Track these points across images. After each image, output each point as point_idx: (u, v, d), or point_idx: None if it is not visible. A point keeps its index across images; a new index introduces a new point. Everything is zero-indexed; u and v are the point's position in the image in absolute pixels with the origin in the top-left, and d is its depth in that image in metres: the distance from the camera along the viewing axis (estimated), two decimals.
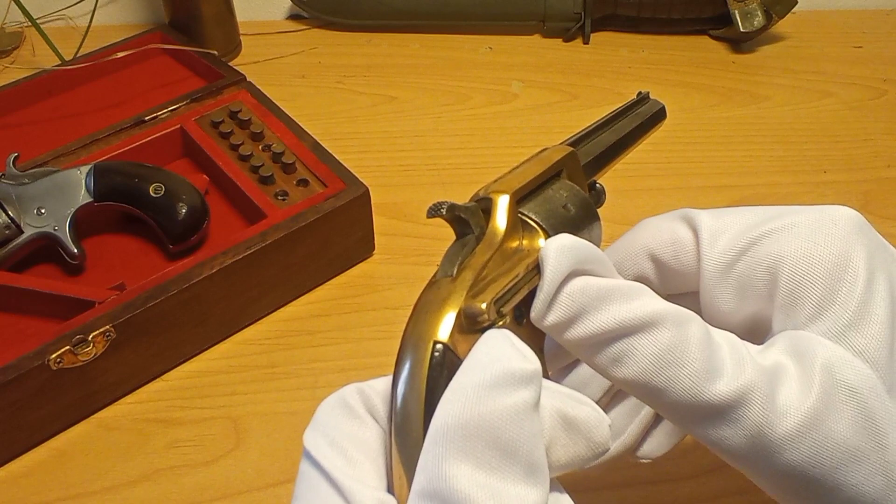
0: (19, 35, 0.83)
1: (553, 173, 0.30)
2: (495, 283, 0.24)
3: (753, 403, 0.23)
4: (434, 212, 0.26)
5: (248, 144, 0.61)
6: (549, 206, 0.29)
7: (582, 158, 0.32)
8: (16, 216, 0.53)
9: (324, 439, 0.23)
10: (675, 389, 0.23)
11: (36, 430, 0.48)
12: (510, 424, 0.19)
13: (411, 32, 0.85)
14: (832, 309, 0.25)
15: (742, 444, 0.24)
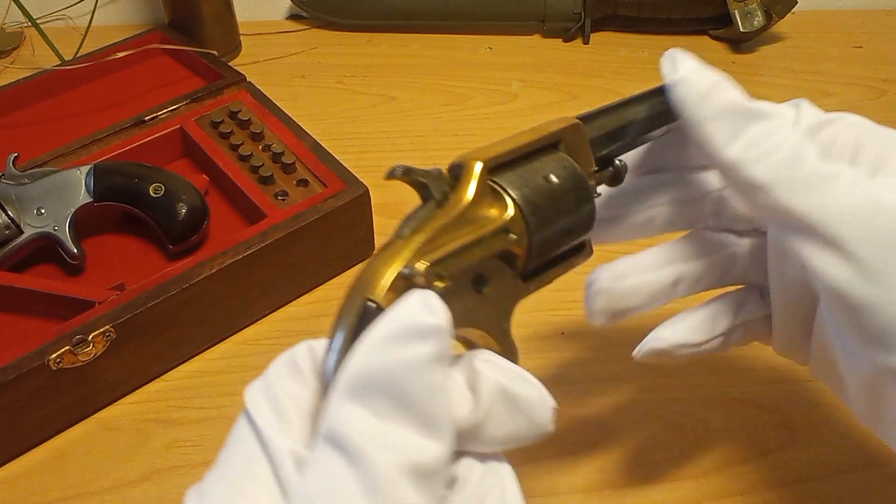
0: (19, 35, 0.83)
1: (547, 143, 0.29)
2: (443, 248, 0.24)
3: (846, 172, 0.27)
4: (390, 174, 0.26)
5: (247, 144, 0.61)
6: (526, 176, 0.27)
7: (592, 132, 0.30)
8: (16, 216, 0.53)
9: (263, 394, 0.23)
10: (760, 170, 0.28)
11: (36, 430, 0.48)
12: (407, 376, 0.20)
13: (411, 32, 0.85)
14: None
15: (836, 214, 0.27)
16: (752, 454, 0.47)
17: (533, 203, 0.26)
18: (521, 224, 0.26)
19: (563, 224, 0.27)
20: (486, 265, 0.25)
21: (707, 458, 0.47)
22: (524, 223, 0.26)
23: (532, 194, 0.27)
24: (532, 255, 0.27)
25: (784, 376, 0.51)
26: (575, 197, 0.28)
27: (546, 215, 0.27)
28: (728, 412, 0.49)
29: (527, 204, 0.26)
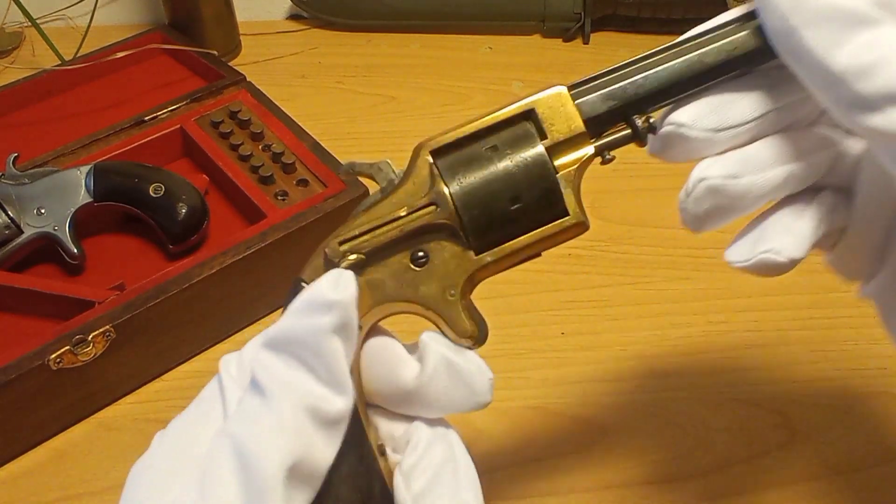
0: (19, 35, 0.83)
1: (512, 115, 0.28)
2: (358, 228, 0.26)
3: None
4: (339, 171, 0.29)
5: (247, 144, 0.61)
6: (469, 154, 0.27)
7: (590, 92, 0.27)
8: (16, 216, 0.53)
9: (235, 361, 0.28)
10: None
11: (36, 431, 0.48)
12: (310, 340, 0.24)
13: (411, 32, 0.85)
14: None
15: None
16: (752, 454, 0.47)
17: (456, 174, 0.27)
18: (447, 202, 0.26)
19: (501, 199, 0.26)
20: (424, 243, 0.26)
21: (707, 458, 0.47)
22: (450, 200, 0.26)
23: (459, 165, 0.27)
24: (468, 231, 0.26)
25: (784, 376, 0.51)
26: (521, 169, 0.27)
27: (473, 187, 0.26)
28: (728, 412, 0.49)
29: (451, 175, 0.27)
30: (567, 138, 0.27)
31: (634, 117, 0.27)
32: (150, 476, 0.27)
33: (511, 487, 0.46)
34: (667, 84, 0.27)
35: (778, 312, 0.55)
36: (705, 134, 0.27)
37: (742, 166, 0.28)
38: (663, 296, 0.57)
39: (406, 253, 0.27)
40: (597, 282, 0.57)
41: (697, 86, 0.27)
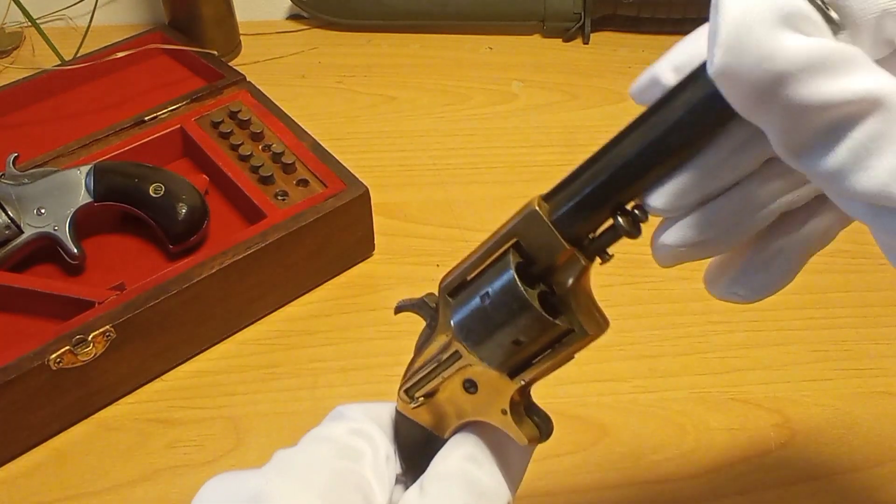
0: (19, 35, 0.83)
1: (502, 248, 0.27)
2: (413, 372, 0.30)
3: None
4: (396, 311, 0.32)
5: (247, 144, 0.61)
6: (468, 297, 0.28)
7: (556, 210, 0.26)
8: (16, 216, 0.53)
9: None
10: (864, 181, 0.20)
11: (36, 431, 0.48)
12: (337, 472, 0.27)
13: (411, 32, 0.85)
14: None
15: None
16: (752, 454, 0.47)
17: (465, 326, 0.28)
18: (465, 351, 0.28)
19: (500, 337, 0.27)
20: (467, 373, 0.29)
21: (707, 458, 0.47)
22: (466, 350, 0.28)
23: (465, 317, 0.28)
24: (493, 367, 0.28)
25: (784, 376, 0.51)
26: (507, 309, 0.26)
27: (479, 334, 0.28)
28: (728, 412, 0.49)
29: (460, 328, 0.28)
30: (555, 260, 0.26)
31: (618, 214, 0.25)
32: None
33: None
34: (637, 170, 0.24)
35: (778, 312, 0.55)
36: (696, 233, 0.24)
37: (704, 232, 0.25)
38: (663, 296, 0.57)
39: (459, 383, 0.29)
40: (597, 282, 0.57)
41: (669, 157, 0.24)
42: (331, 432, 0.29)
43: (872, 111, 0.19)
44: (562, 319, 0.27)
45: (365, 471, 0.28)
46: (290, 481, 0.26)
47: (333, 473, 0.27)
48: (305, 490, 0.25)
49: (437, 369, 0.29)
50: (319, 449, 0.28)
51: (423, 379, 0.30)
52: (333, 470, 0.27)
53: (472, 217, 0.62)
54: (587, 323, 0.27)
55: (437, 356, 0.29)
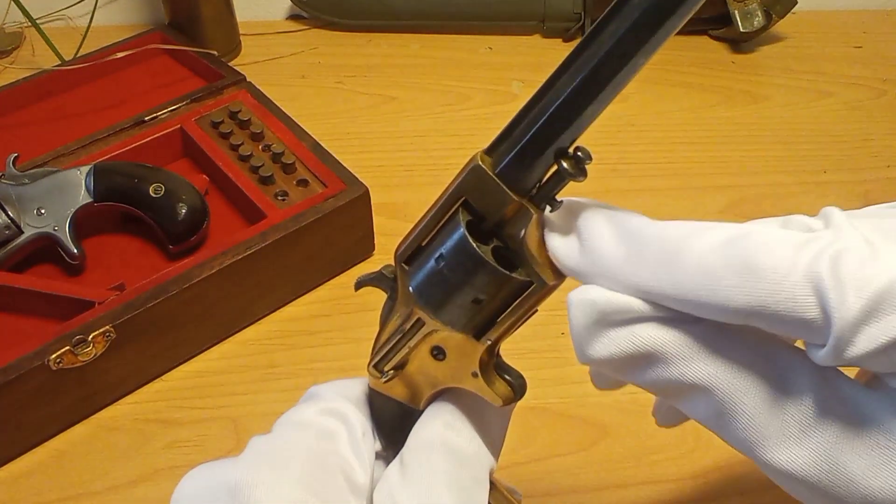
0: (19, 35, 0.83)
1: (450, 209, 0.27)
2: (379, 346, 0.30)
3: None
4: (355, 286, 0.32)
5: (247, 144, 0.61)
6: (423, 261, 0.28)
7: (498, 162, 0.25)
8: (16, 216, 0.53)
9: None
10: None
11: (36, 431, 0.48)
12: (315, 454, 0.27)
13: (411, 32, 0.85)
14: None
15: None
16: None
17: (424, 292, 0.28)
18: (426, 316, 0.28)
19: (459, 298, 0.27)
20: (435, 341, 0.28)
21: (707, 458, 0.47)
22: (427, 315, 0.28)
23: (423, 282, 0.28)
24: (456, 329, 0.28)
25: None
26: (462, 269, 0.26)
27: (438, 298, 0.27)
28: None
29: (419, 294, 0.28)
30: (504, 212, 0.26)
31: (561, 159, 0.24)
32: None
33: None
34: (573, 109, 0.24)
35: None
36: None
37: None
38: None
39: (427, 352, 0.29)
40: None
41: (603, 91, 0.23)
42: (304, 415, 0.28)
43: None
44: (519, 272, 0.26)
45: (343, 450, 0.28)
46: (268, 469, 0.25)
47: (311, 456, 0.26)
48: (284, 477, 0.25)
49: (402, 340, 0.29)
50: (294, 433, 0.27)
51: (391, 351, 0.30)
52: (311, 453, 0.27)
53: None
54: (545, 273, 0.26)
55: (401, 327, 0.29)
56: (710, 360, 0.23)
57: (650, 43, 0.22)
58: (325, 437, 0.28)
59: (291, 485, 0.25)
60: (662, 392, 0.24)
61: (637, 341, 0.24)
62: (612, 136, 0.71)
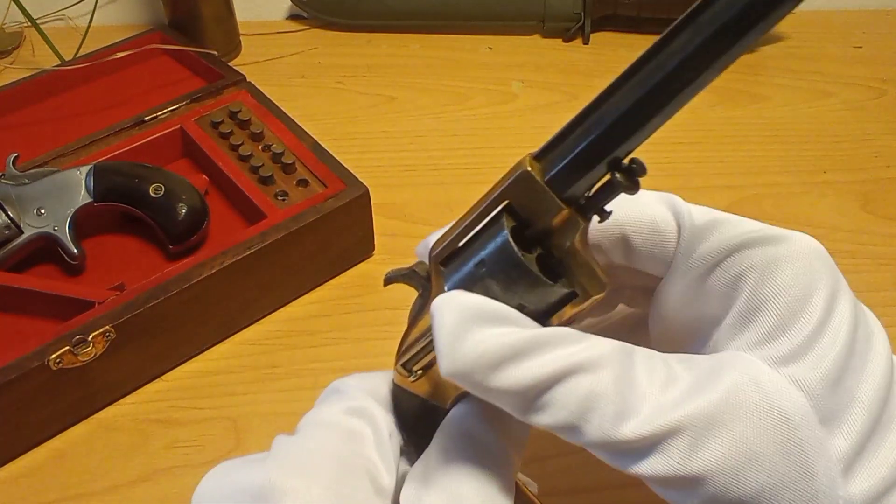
0: (19, 35, 0.83)
1: (494, 212, 0.26)
2: (408, 346, 0.29)
3: (678, 438, 0.23)
4: (384, 283, 0.30)
5: (247, 145, 0.61)
6: (462, 265, 0.27)
7: (555, 163, 0.25)
8: (16, 216, 0.53)
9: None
10: (591, 432, 0.24)
11: (36, 431, 0.48)
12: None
13: (411, 32, 0.85)
14: (781, 339, 0.25)
15: (668, 474, 0.24)
16: None
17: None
18: None
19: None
20: None
21: None
22: None
23: (460, 286, 0.27)
24: None
25: None
26: (504, 276, 0.25)
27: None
28: None
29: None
30: (551, 221, 0.25)
31: (615, 172, 0.24)
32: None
33: None
34: (634, 122, 0.23)
35: None
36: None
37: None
38: None
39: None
40: None
41: (668, 106, 0.22)
42: (330, 415, 0.28)
43: (570, 377, 0.24)
44: (562, 283, 0.25)
45: (370, 452, 0.27)
46: (296, 474, 0.25)
47: (339, 460, 0.26)
48: (313, 482, 0.25)
49: (428, 342, 0.28)
50: (321, 435, 0.27)
51: (421, 352, 0.29)
52: (338, 457, 0.26)
53: None
54: (588, 284, 0.25)
55: (426, 329, 0.28)
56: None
57: (725, 57, 0.21)
58: (351, 439, 0.27)
59: (320, 493, 0.25)
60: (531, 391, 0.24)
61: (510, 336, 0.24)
62: None
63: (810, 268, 0.26)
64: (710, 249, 0.27)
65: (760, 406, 0.24)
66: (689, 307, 0.28)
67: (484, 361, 0.24)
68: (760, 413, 0.24)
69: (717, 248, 0.27)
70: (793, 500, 0.24)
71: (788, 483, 0.24)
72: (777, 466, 0.24)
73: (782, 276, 0.26)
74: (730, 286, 0.27)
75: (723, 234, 0.27)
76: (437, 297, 0.25)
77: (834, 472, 0.24)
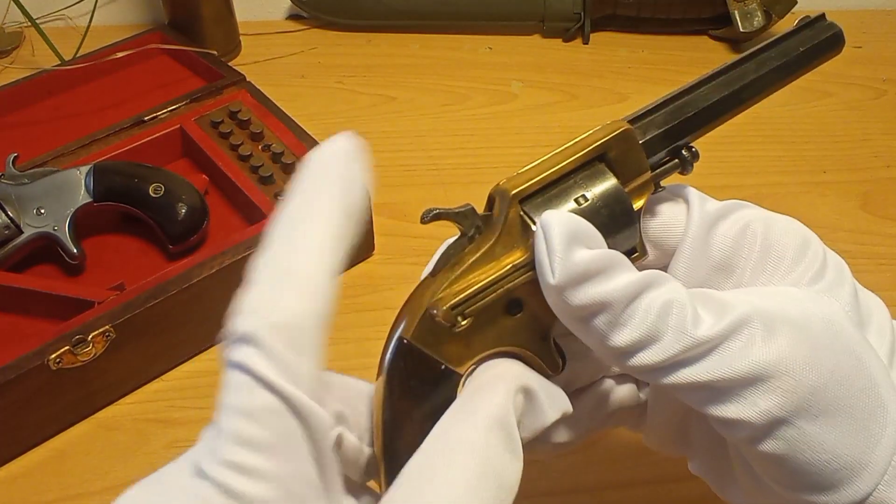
0: (19, 35, 0.83)
1: (589, 158, 0.27)
2: (464, 290, 0.26)
3: (741, 333, 0.25)
4: (423, 219, 0.28)
5: (247, 144, 0.61)
6: (556, 202, 0.27)
7: (650, 130, 0.28)
8: (15, 216, 0.53)
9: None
10: (671, 336, 0.25)
11: (36, 430, 0.48)
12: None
13: (411, 32, 0.85)
14: (799, 267, 0.28)
15: (748, 365, 0.25)
16: None
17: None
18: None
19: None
20: (518, 291, 0.27)
21: None
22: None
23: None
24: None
25: None
26: (609, 217, 0.27)
27: None
28: None
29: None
30: (635, 179, 0.28)
31: (683, 151, 0.29)
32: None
33: None
34: (721, 111, 0.30)
35: None
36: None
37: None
38: None
39: (503, 303, 0.27)
40: None
41: (749, 102, 0.30)
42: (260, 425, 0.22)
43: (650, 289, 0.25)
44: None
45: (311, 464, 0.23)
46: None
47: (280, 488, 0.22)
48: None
49: (500, 282, 0.26)
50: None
51: (479, 294, 0.26)
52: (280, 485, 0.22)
53: None
54: (641, 247, 0.29)
55: (507, 268, 0.26)
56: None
57: (775, 87, 0.31)
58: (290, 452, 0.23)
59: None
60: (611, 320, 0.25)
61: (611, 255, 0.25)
62: None
63: (801, 225, 0.30)
64: (716, 205, 0.30)
65: (808, 309, 0.27)
66: (704, 268, 0.30)
67: (590, 271, 0.25)
68: (809, 315, 0.26)
69: (723, 205, 0.31)
70: (858, 387, 0.26)
71: (850, 371, 0.26)
72: (838, 355, 0.26)
73: (782, 223, 0.29)
74: (737, 237, 0.29)
75: (726, 203, 0.31)
76: (547, 212, 0.26)
77: (881, 362, 0.27)
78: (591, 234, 0.26)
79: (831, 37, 0.34)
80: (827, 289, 0.28)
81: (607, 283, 0.25)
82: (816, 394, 0.25)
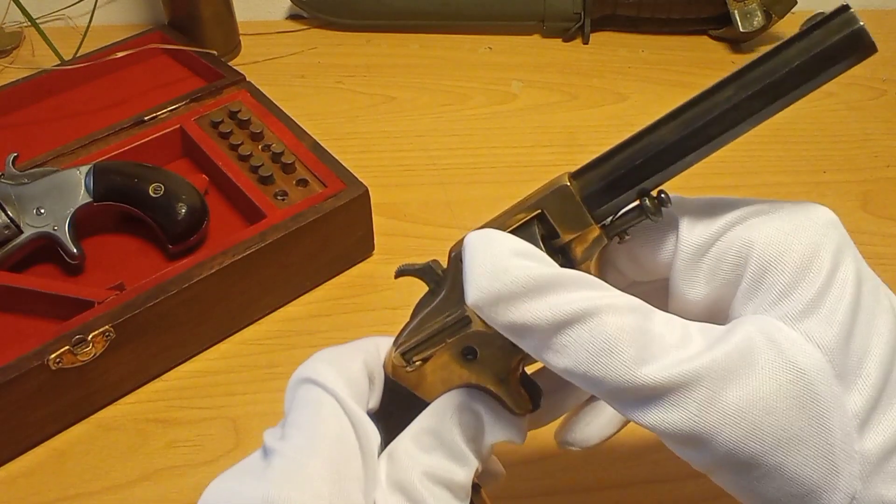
0: (19, 35, 0.83)
1: (529, 217, 0.28)
2: (413, 339, 0.30)
3: (695, 389, 0.24)
4: (396, 275, 0.31)
5: (247, 144, 0.61)
6: None
7: (590, 185, 0.27)
8: (15, 216, 0.53)
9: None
10: (609, 375, 0.24)
11: (36, 430, 0.48)
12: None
13: (411, 32, 0.85)
14: (792, 295, 0.25)
15: (683, 427, 0.24)
16: None
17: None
18: (476, 317, 0.28)
19: None
20: (470, 342, 0.29)
21: None
22: (477, 317, 0.28)
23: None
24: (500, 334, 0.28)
25: None
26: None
27: None
28: None
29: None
30: (578, 235, 0.27)
31: (645, 198, 0.27)
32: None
33: (512, 487, 0.46)
34: (673, 157, 0.26)
35: None
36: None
37: (592, 429, 0.36)
38: None
39: (458, 350, 0.29)
40: None
41: (707, 147, 0.26)
42: (322, 420, 0.27)
43: (592, 318, 0.24)
44: None
45: (357, 463, 0.27)
46: (294, 487, 0.25)
47: (333, 470, 0.26)
48: (315, 498, 0.25)
49: (441, 335, 0.29)
50: (314, 442, 0.27)
51: (425, 344, 0.30)
52: (333, 466, 0.26)
53: (472, 217, 0.62)
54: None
55: (445, 322, 0.29)
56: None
57: (760, 115, 0.25)
58: (342, 445, 0.27)
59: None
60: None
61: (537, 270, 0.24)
62: (612, 137, 0.71)
63: (814, 228, 0.26)
64: (707, 224, 0.27)
65: (776, 361, 0.24)
66: (701, 295, 0.28)
67: (509, 291, 0.24)
68: (776, 367, 0.24)
69: (714, 221, 0.27)
70: (809, 456, 0.24)
71: (804, 438, 0.24)
72: (793, 421, 0.24)
73: (787, 238, 0.26)
74: (735, 256, 0.27)
75: (718, 209, 0.28)
76: (470, 232, 0.26)
77: (850, 427, 0.24)
78: (519, 249, 0.25)
79: (847, 38, 0.24)
80: (819, 323, 0.25)
81: (537, 304, 0.24)
82: (756, 459, 0.24)
